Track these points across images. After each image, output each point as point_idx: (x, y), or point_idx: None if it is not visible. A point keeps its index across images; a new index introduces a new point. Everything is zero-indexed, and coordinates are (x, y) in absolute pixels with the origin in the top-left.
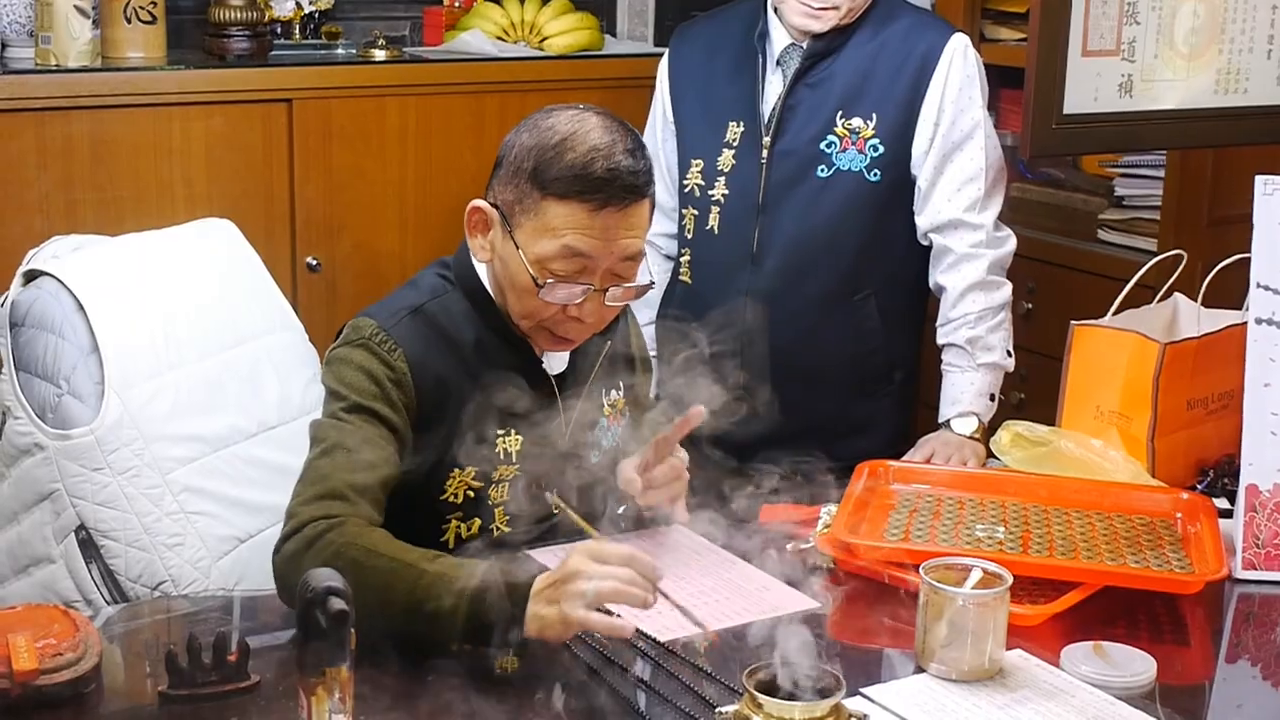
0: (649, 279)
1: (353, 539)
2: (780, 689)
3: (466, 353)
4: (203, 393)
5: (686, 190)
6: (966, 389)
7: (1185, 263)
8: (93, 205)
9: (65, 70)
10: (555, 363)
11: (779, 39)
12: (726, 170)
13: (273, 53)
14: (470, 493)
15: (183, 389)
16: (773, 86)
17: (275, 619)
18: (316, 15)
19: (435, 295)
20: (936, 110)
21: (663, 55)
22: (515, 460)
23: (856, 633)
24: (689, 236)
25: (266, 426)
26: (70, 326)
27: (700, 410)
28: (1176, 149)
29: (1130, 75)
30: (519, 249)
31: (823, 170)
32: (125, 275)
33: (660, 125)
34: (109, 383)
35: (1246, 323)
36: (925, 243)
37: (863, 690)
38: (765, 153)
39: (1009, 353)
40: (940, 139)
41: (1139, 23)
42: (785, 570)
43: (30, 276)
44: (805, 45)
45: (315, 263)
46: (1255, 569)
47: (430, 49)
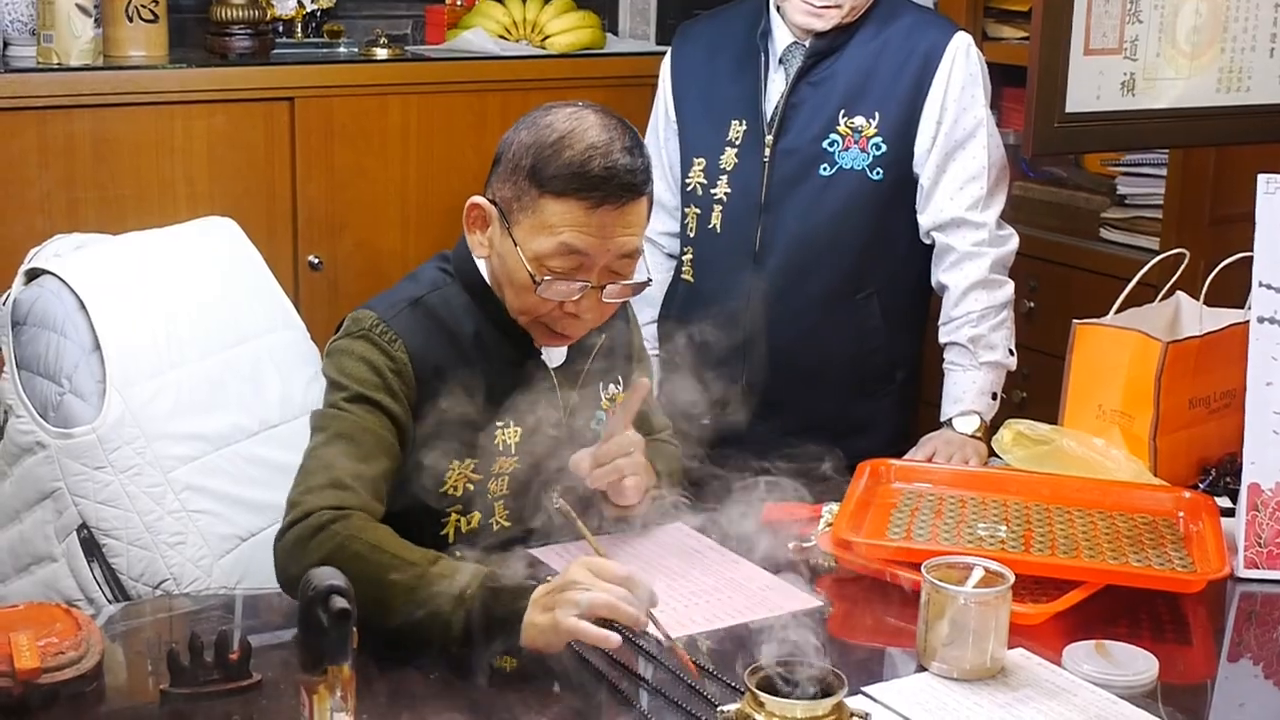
0: (646, 276)
1: (357, 533)
2: (782, 688)
3: (466, 345)
4: (204, 391)
5: (689, 189)
6: (968, 388)
7: (1187, 261)
8: (94, 204)
9: (67, 69)
10: (554, 356)
11: (781, 37)
12: (729, 169)
13: (274, 51)
14: (469, 486)
15: (184, 387)
16: (775, 85)
17: (277, 617)
18: (318, 14)
19: (435, 288)
20: (939, 109)
21: (665, 54)
22: (514, 452)
23: (858, 631)
24: (691, 235)
25: (268, 425)
26: (72, 325)
27: (646, 383)
28: (1179, 147)
29: (1132, 74)
30: (517, 246)
31: (825, 169)
32: (127, 274)
33: (662, 124)
34: (111, 381)
35: (1248, 321)
36: (927, 241)
37: (864, 689)
38: (768, 151)
39: (1011, 351)
40: (943, 137)
41: (1141, 21)
42: (787, 569)
43: (32, 275)
44: (808, 44)
45: (317, 261)
46: (1257, 568)
47: (432, 47)
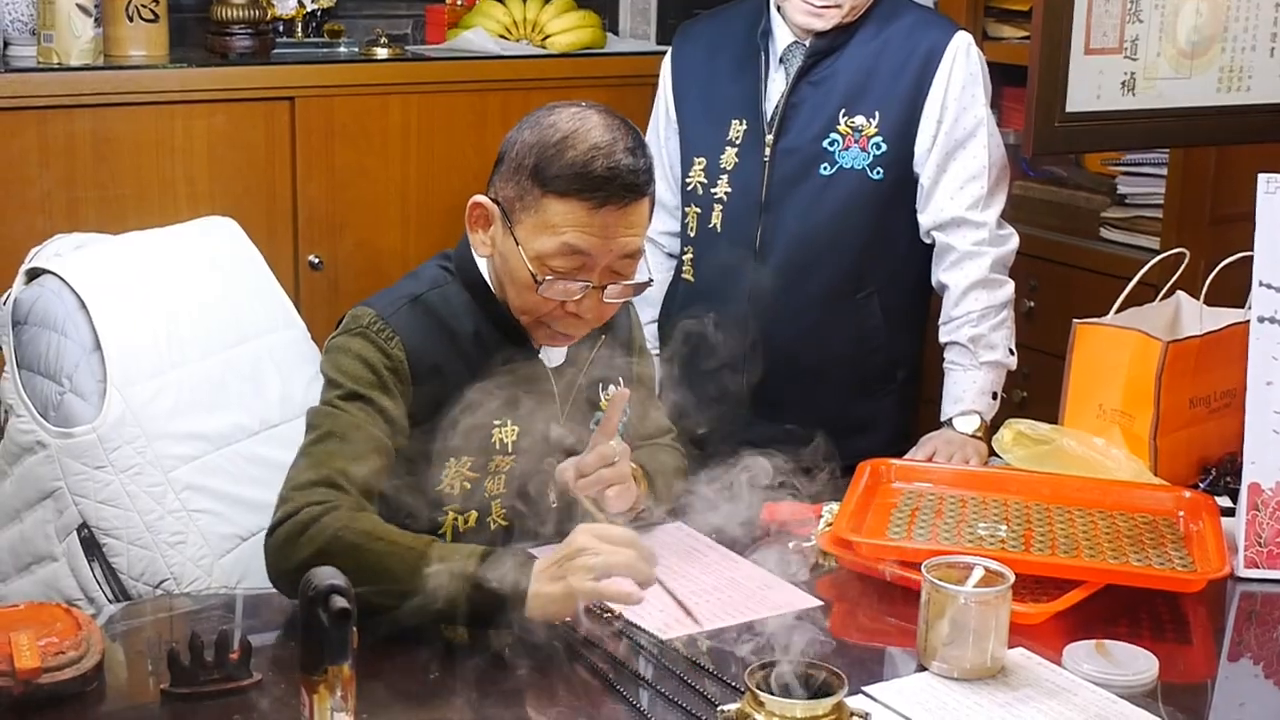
0: (647, 276)
1: (347, 523)
2: (782, 687)
3: (465, 343)
4: (205, 391)
5: (689, 188)
6: (969, 387)
7: (1187, 261)
8: (95, 203)
9: (67, 68)
10: (553, 355)
11: (782, 37)
12: (729, 168)
13: (275, 51)
14: (466, 484)
15: (185, 387)
16: (775, 84)
17: (277, 617)
18: (319, 13)
19: (435, 286)
20: (939, 108)
21: (665, 53)
22: (511, 451)
23: (858, 631)
24: (692, 235)
25: (269, 424)
26: (72, 324)
27: (624, 393)
28: (1179, 147)
29: (1133, 73)
30: (519, 245)
31: (825, 168)
32: (127, 273)
33: (663, 123)
34: (111, 381)
35: (1249, 321)
36: (928, 241)
37: (865, 688)
38: (768, 151)
39: (1011, 351)
40: (943, 137)
41: (1141, 21)
42: (787, 568)
43: (32, 275)
44: (808, 43)
45: (317, 261)
46: (1257, 567)
47: (432, 47)
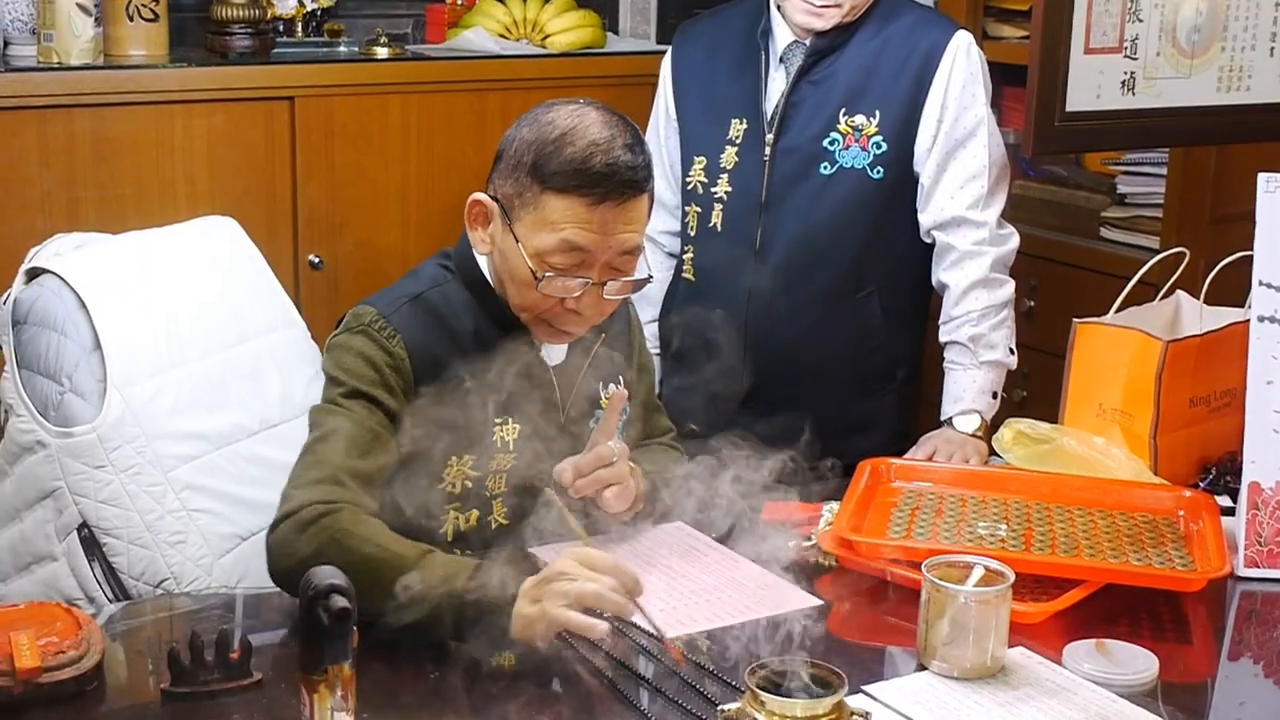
0: (647, 273)
1: (348, 526)
2: (782, 686)
3: (465, 341)
4: (205, 390)
5: (689, 187)
6: (969, 387)
7: (1187, 260)
8: (95, 203)
9: (67, 68)
10: (554, 354)
11: (782, 36)
12: (729, 167)
13: (275, 50)
14: (468, 483)
15: (185, 387)
16: (775, 84)
17: (278, 617)
18: (319, 13)
19: (435, 284)
20: (940, 107)
21: (665, 53)
22: (512, 449)
23: (858, 630)
24: (692, 234)
25: (269, 424)
26: (72, 324)
27: (622, 393)
28: (1179, 146)
29: (1133, 73)
30: (518, 242)
31: (825, 167)
32: (127, 273)
33: (663, 122)
34: (111, 380)
35: (1249, 320)
36: (928, 240)
37: (865, 688)
38: (768, 150)
39: (1011, 350)
40: (943, 136)
41: (1141, 20)
42: (787, 568)
43: (32, 274)
44: (808, 43)
45: (317, 260)
46: (1258, 567)
47: (432, 46)
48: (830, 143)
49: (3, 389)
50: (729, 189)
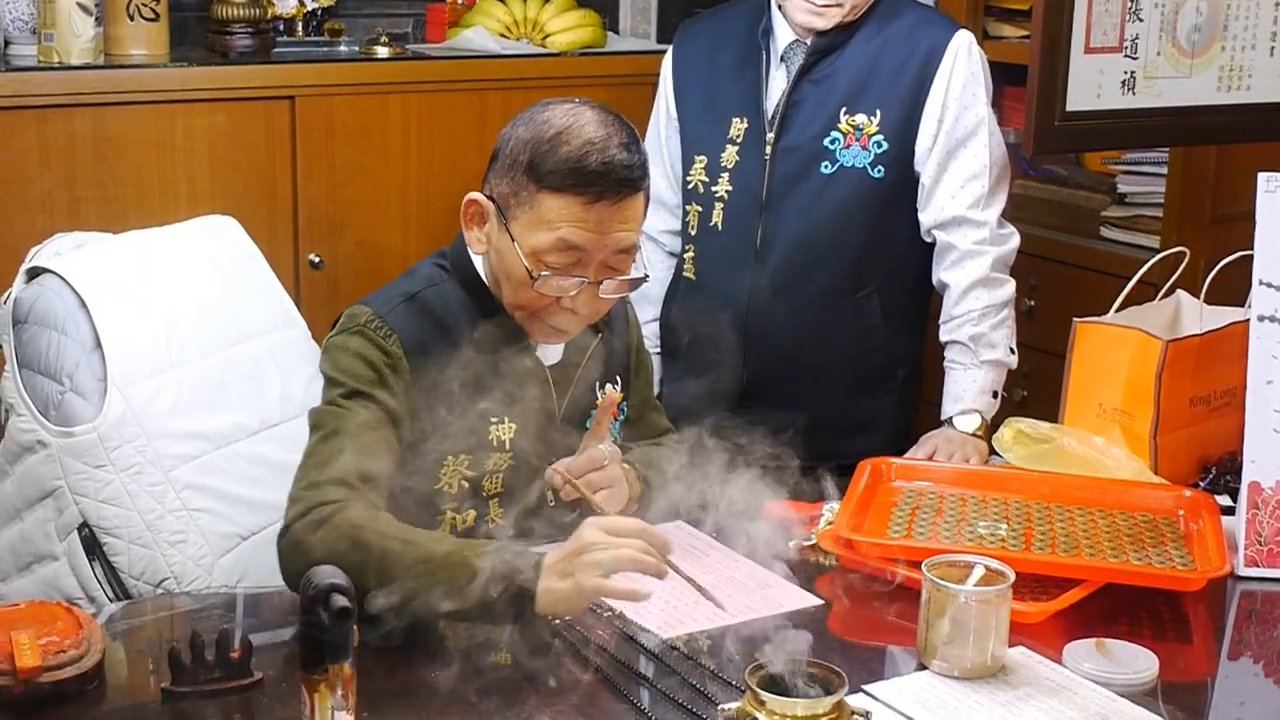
0: (644, 271)
1: (361, 521)
2: (783, 686)
3: (461, 340)
4: (205, 390)
5: (690, 186)
6: (969, 386)
7: (1188, 260)
8: (95, 202)
9: (68, 67)
10: (550, 353)
11: (783, 35)
12: (730, 166)
13: (275, 50)
14: (464, 483)
15: (185, 386)
16: (776, 83)
17: (278, 616)
18: (319, 12)
19: (431, 284)
20: (940, 107)
21: (665, 52)
22: (508, 448)
23: (859, 630)
24: (692, 233)
25: (269, 424)
26: (73, 324)
27: (615, 396)
28: (1179, 146)
29: (1133, 72)
30: (514, 241)
31: (826, 166)
32: (128, 272)
33: (664, 122)
34: (111, 380)
35: (1249, 320)
36: (928, 239)
37: (865, 687)
38: (769, 149)
39: (1012, 350)
40: (944, 136)
41: (1142, 20)
42: (788, 567)
43: (33, 274)
44: (809, 42)
45: (318, 260)
46: (1258, 566)
47: (433, 46)
48: (831, 142)
49: (3, 388)
50: (730, 188)
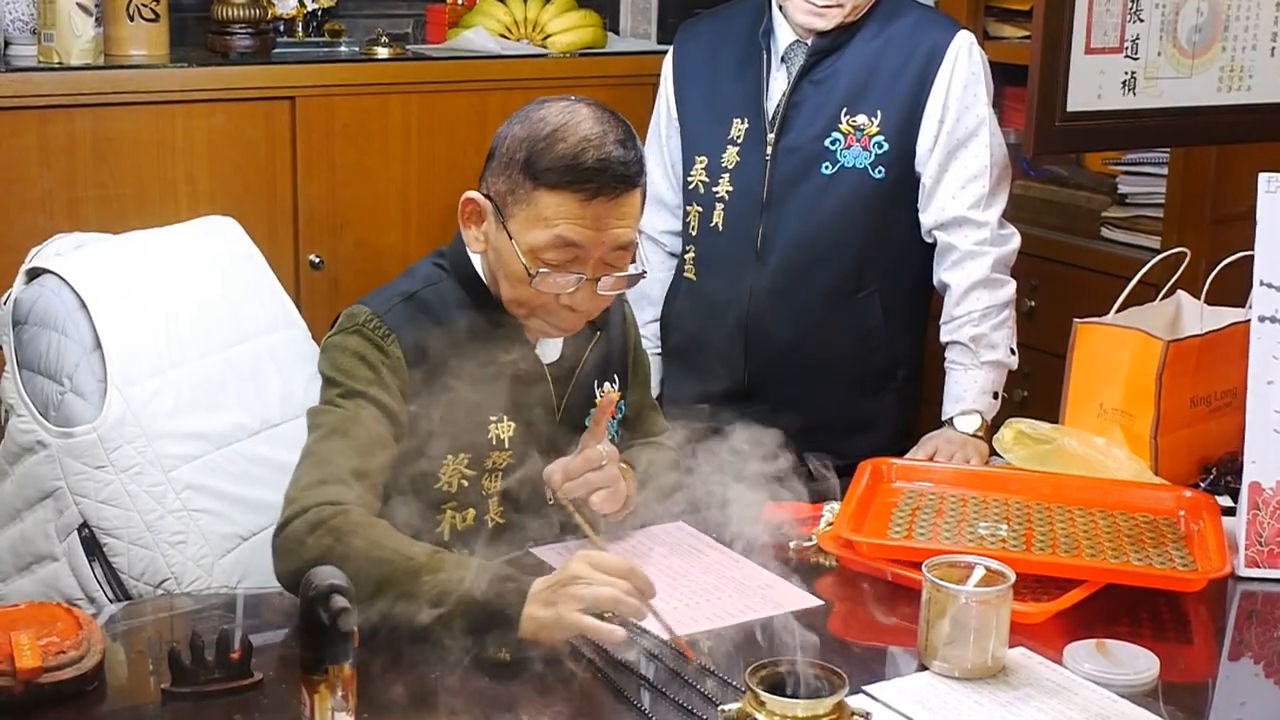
0: (641, 268)
1: (355, 528)
2: (783, 687)
3: (460, 338)
4: (205, 390)
5: (691, 187)
6: (970, 387)
7: (1188, 260)
8: (95, 203)
9: (68, 68)
10: (549, 351)
11: (783, 36)
12: (731, 167)
13: (275, 50)
14: (464, 481)
15: (185, 386)
16: (777, 83)
17: (278, 617)
18: (319, 13)
19: (430, 283)
20: (941, 107)
21: (666, 53)
22: (508, 446)
23: (859, 630)
24: (693, 233)
25: (269, 424)
26: (73, 324)
27: (613, 396)
28: (1180, 146)
29: (1133, 73)
30: (512, 239)
31: (827, 167)
32: (128, 273)
33: (664, 122)
34: (111, 380)
35: (1249, 320)
36: (929, 240)
37: (865, 688)
38: (770, 149)
39: (1012, 350)
40: (945, 136)
41: (1142, 20)
42: (788, 568)
43: (33, 274)
44: (810, 42)
45: (318, 260)
46: (1258, 567)
47: (433, 46)
48: (831, 142)
49: (3, 389)
50: (730, 188)
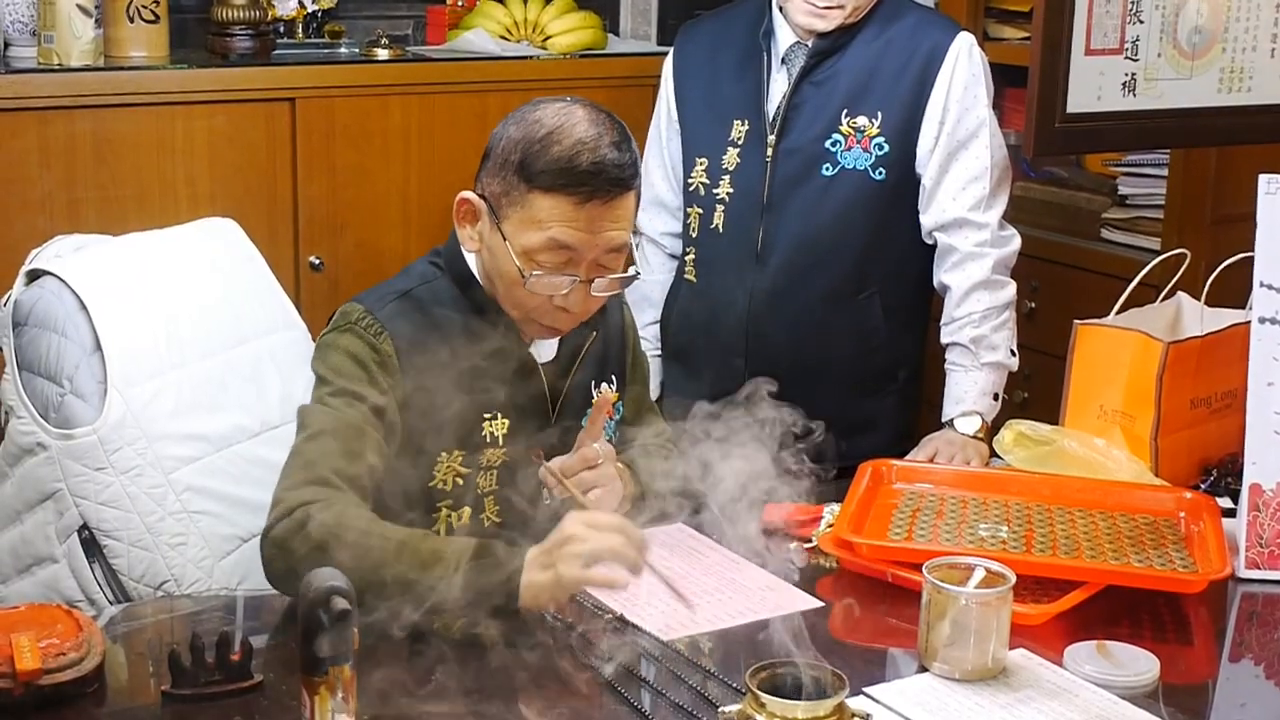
0: (636, 270)
1: (342, 520)
2: (783, 688)
3: (454, 337)
4: (205, 392)
5: (691, 188)
6: (970, 388)
7: (1189, 262)
8: (95, 204)
9: (68, 69)
10: (544, 350)
11: (784, 37)
12: (731, 168)
13: (275, 52)
14: (459, 479)
15: (185, 388)
16: (777, 85)
17: (278, 618)
18: (319, 14)
19: (424, 281)
20: (941, 109)
21: (666, 54)
22: (502, 444)
23: (859, 632)
24: (694, 235)
25: (269, 426)
26: (73, 325)
27: (610, 396)
28: (1180, 148)
29: (1133, 74)
30: (506, 240)
31: (827, 169)
32: (128, 274)
33: (664, 124)
34: (112, 382)
35: (1250, 322)
36: (930, 241)
37: (866, 689)
38: (770, 151)
39: (1013, 352)
40: (945, 138)
41: (1142, 21)
42: (788, 570)
43: (33, 276)
44: (810, 44)
45: (318, 262)
46: (1259, 568)
47: (433, 48)
48: (832, 144)
49: (3, 390)
50: (731, 190)
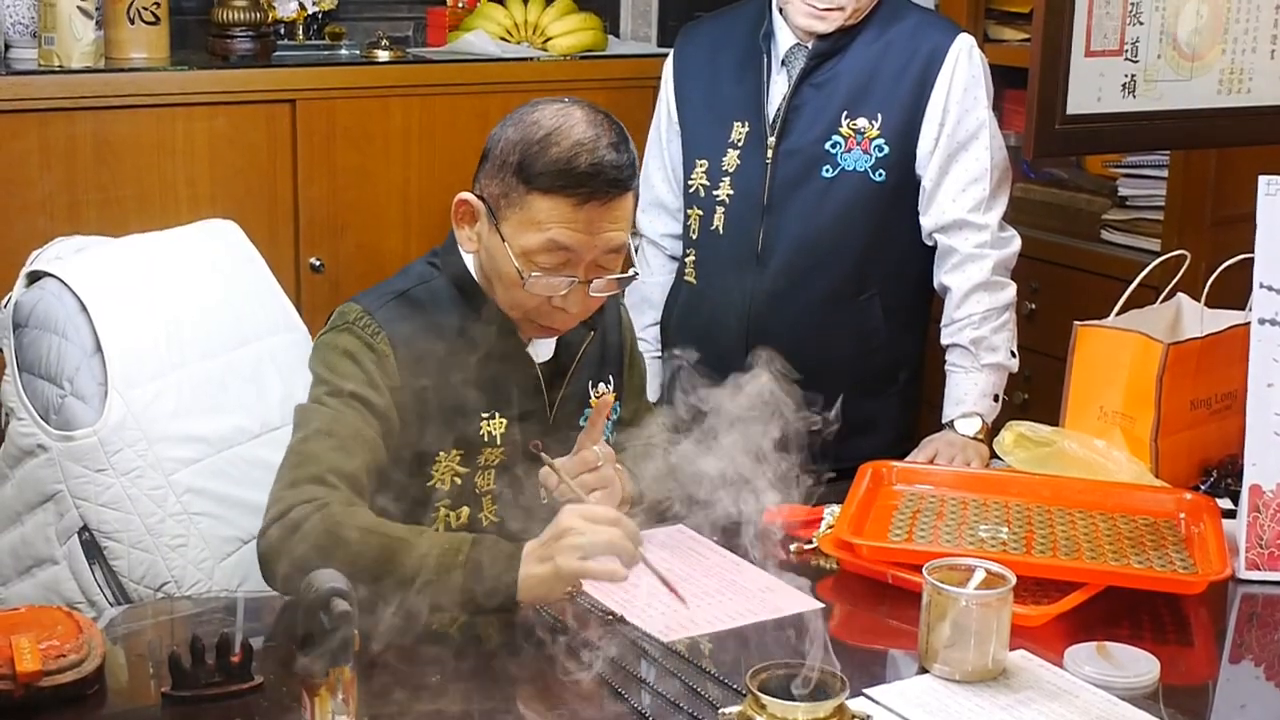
0: (634, 271)
1: (340, 519)
2: (784, 689)
3: (451, 337)
4: (206, 393)
5: (691, 190)
6: (970, 390)
7: (1189, 263)
8: (96, 206)
9: (68, 71)
10: (542, 350)
11: (784, 39)
12: (731, 170)
13: (276, 53)
14: (457, 479)
15: (186, 390)
16: (778, 86)
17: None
18: (320, 16)
19: (422, 281)
20: (941, 111)
21: (666, 56)
22: (500, 444)
23: (860, 633)
24: (694, 237)
25: (270, 427)
26: (73, 327)
27: (609, 397)
28: (1180, 149)
29: (1133, 75)
30: (504, 241)
31: (828, 170)
32: (128, 276)
33: (665, 125)
34: (112, 383)
35: (1250, 323)
36: (930, 243)
37: (866, 691)
38: (770, 153)
39: (1013, 353)
40: (945, 139)
41: (1142, 23)
42: (788, 571)
43: (33, 277)
44: (810, 45)
45: (319, 263)
46: (1259, 569)
47: (433, 49)
48: (832, 145)
49: (4, 392)
50: (731, 192)
